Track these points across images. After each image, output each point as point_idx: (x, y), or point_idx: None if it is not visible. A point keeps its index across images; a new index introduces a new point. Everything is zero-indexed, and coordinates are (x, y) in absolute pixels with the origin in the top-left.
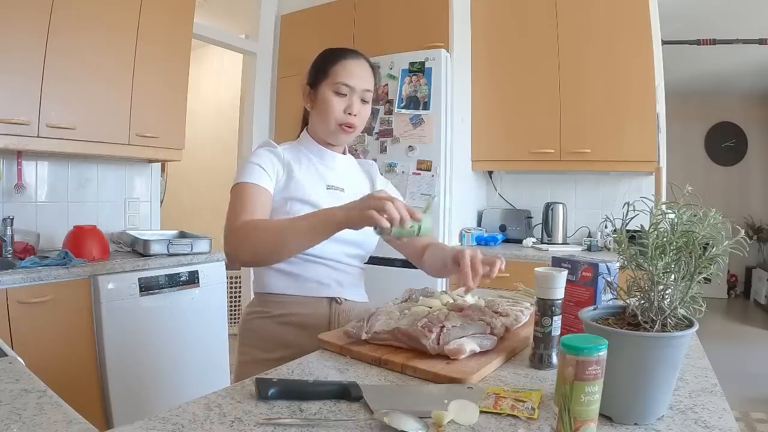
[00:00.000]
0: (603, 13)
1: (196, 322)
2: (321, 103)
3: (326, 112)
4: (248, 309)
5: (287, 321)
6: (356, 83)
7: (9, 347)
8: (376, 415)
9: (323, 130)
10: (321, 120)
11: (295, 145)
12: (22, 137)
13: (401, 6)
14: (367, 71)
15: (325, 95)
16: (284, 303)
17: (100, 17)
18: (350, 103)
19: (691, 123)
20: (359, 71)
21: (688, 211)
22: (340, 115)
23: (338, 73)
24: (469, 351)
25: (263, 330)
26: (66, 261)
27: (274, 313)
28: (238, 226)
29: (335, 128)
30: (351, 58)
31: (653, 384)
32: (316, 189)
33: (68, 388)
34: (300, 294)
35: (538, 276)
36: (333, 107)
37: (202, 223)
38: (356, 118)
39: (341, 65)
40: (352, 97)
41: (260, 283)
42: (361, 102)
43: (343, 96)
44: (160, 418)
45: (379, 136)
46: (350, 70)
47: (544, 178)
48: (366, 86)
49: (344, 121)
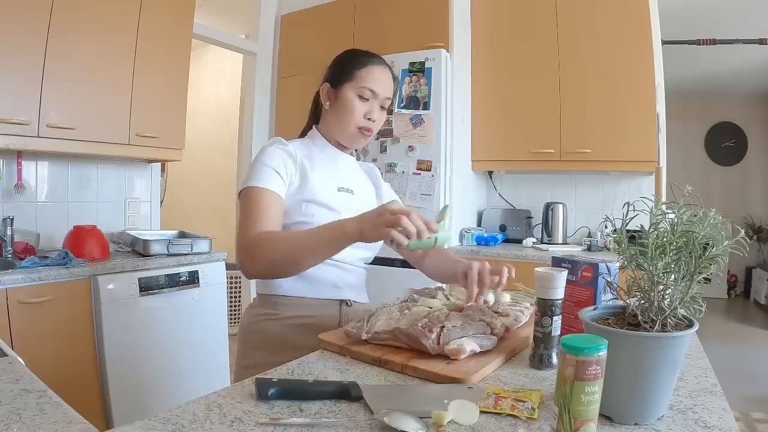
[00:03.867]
0: (603, 13)
1: (196, 322)
2: (342, 104)
3: (348, 114)
4: (252, 311)
5: (298, 323)
6: (380, 90)
7: (9, 347)
8: (376, 415)
9: (340, 131)
10: (340, 121)
11: (306, 143)
12: (22, 137)
13: (401, 6)
14: (390, 79)
15: (348, 97)
16: (295, 305)
17: (100, 17)
18: (371, 109)
19: (691, 123)
20: (384, 79)
21: (688, 211)
22: (360, 119)
23: (364, 78)
24: (469, 351)
25: (271, 332)
26: (66, 261)
27: (284, 315)
28: (252, 240)
29: (354, 132)
30: (378, 65)
31: (653, 384)
32: (329, 190)
33: (68, 388)
34: (314, 296)
35: (538, 276)
36: (356, 110)
37: (202, 223)
38: (375, 124)
39: (368, 71)
40: (374, 103)
41: (267, 285)
42: (380, 109)
43: (365, 101)
44: (160, 418)
45: (379, 136)
46: (376, 77)
47: (544, 178)
48: (388, 94)
49: (364, 125)
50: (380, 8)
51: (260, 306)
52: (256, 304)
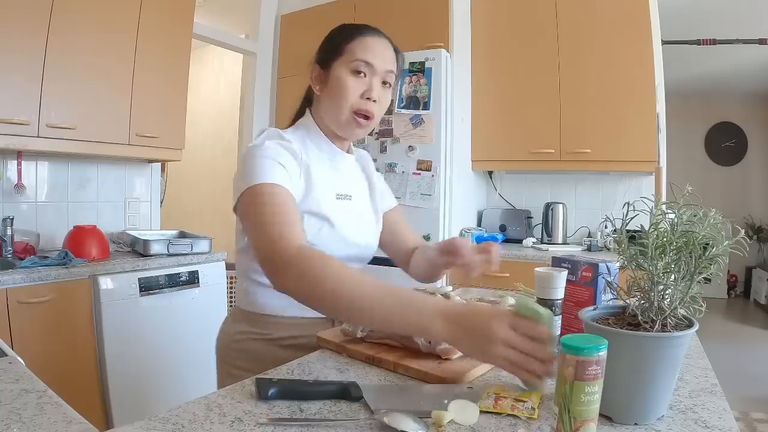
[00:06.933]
0: (603, 13)
1: (196, 322)
2: (334, 84)
3: (340, 95)
4: (235, 327)
5: (290, 344)
6: (377, 62)
7: (9, 347)
8: (376, 415)
9: (333, 118)
10: (332, 106)
11: (301, 135)
12: (22, 137)
13: (401, 6)
14: (389, 50)
15: (340, 75)
16: (286, 325)
17: (100, 17)
18: (369, 86)
19: (691, 123)
20: (381, 48)
21: (688, 211)
22: (356, 100)
23: (355, 50)
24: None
25: (260, 352)
26: (66, 261)
27: (274, 335)
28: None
29: (348, 117)
30: (371, 35)
31: (653, 384)
32: (328, 199)
33: (68, 388)
34: (305, 316)
35: (538, 276)
36: (349, 89)
37: (202, 223)
38: (375, 105)
39: (359, 41)
40: (372, 79)
41: (250, 301)
42: (381, 85)
43: (361, 76)
44: (160, 418)
45: (379, 136)
46: (369, 46)
47: (544, 178)
48: (389, 66)
49: (361, 107)
50: (380, 8)
51: (244, 322)
52: (239, 319)
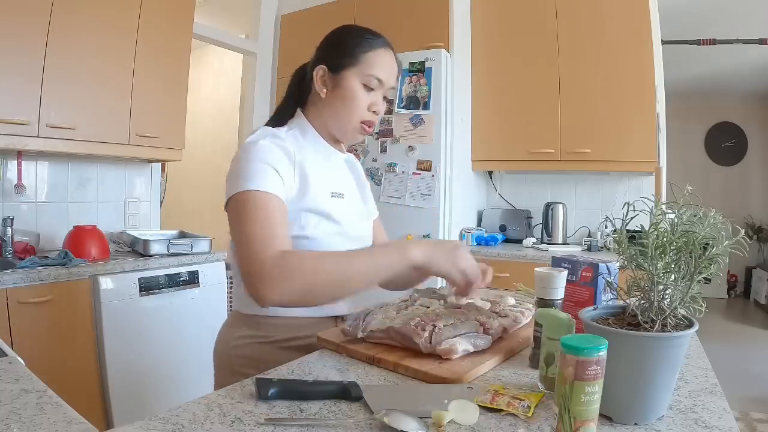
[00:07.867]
0: (603, 13)
1: (196, 322)
2: (345, 93)
3: (352, 106)
4: (234, 332)
5: (295, 346)
6: (387, 79)
7: (9, 347)
8: (376, 415)
9: (339, 126)
10: (341, 114)
11: (295, 135)
12: (22, 137)
13: (401, 6)
14: (396, 66)
15: (352, 86)
16: (289, 326)
17: (100, 17)
18: (376, 100)
19: (691, 123)
20: (392, 65)
21: (688, 211)
22: (365, 112)
23: (373, 64)
24: (461, 351)
25: (263, 356)
26: (66, 261)
27: (277, 337)
28: (274, 262)
29: (356, 126)
30: (385, 47)
31: (653, 384)
32: (325, 196)
33: (68, 388)
34: (309, 315)
35: (538, 276)
36: (361, 101)
37: (202, 223)
38: (378, 117)
39: (376, 54)
40: (379, 94)
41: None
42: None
43: (371, 90)
44: (160, 418)
45: (379, 136)
46: (385, 63)
47: (544, 178)
48: (394, 84)
49: (368, 119)
50: (380, 8)
51: (244, 326)
52: (238, 323)
